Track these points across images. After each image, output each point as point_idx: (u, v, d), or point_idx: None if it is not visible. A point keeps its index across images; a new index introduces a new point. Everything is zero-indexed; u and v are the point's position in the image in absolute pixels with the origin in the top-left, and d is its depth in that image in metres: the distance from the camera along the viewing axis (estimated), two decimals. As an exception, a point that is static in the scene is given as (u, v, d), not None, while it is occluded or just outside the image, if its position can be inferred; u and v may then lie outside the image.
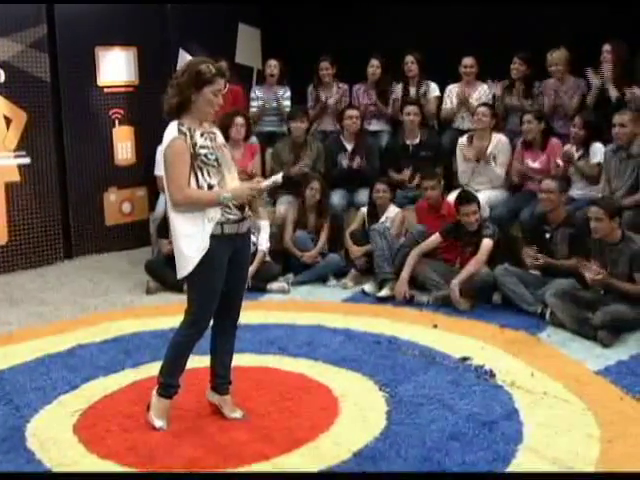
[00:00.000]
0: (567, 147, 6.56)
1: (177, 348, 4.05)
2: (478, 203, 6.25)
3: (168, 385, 4.06)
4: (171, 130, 3.84)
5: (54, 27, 7.53)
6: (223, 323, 4.13)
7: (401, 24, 8.07)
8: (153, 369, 4.85)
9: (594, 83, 6.79)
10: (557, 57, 7.02)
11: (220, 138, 4.00)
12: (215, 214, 3.82)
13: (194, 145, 3.81)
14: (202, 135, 3.86)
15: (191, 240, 3.81)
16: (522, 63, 7.20)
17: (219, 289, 3.93)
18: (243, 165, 7.25)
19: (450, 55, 7.51)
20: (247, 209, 3.97)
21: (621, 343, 5.24)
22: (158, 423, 4.04)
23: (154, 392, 4.09)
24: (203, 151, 3.83)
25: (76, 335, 5.52)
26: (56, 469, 3.72)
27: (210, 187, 3.84)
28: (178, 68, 8.04)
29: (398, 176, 7.34)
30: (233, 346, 4.23)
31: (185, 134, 3.80)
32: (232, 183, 3.92)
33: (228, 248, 3.89)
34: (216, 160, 3.87)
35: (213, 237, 3.82)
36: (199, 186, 3.82)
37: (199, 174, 3.83)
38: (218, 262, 3.86)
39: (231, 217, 3.87)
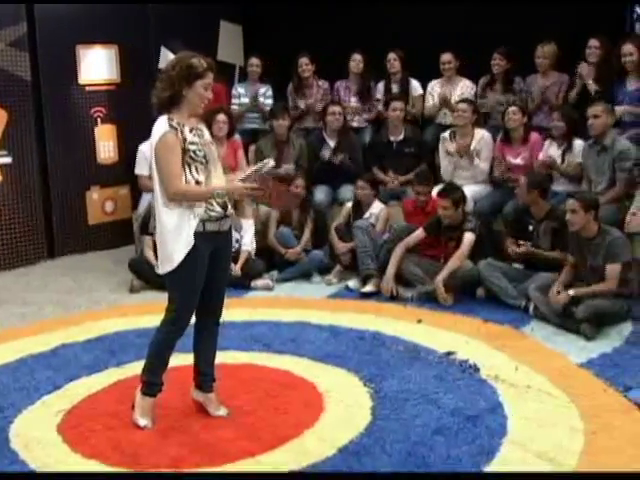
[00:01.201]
0: (543, 155, 6.59)
1: (158, 346, 4.05)
2: (458, 199, 6.23)
3: (151, 383, 4.06)
4: (161, 124, 3.82)
5: (34, 25, 7.48)
6: (205, 321, 4.12)
7: (383, 21, 8.07)
8: (137, 368, 4.82)
9: (582, 78, 6.83)
10: (547, 51, 7.06)
11: (207, 135, 4.00)
12: (200, 210, 3.82)
13: (184, 140, 3.80)
14: (191, 131, 3.86)
15: (177, 235, 3.80)
16: (502, 58, 7.23)
17: (200, 286, 3.93)
18: (227, 163, 7.25)
19: (432, 52, 7.52)
20: (230, 207, 3.96)
21: (604, 336, 5.27)
22: (142, 422, 4.03)
23: (138, 391, 4.08)
24: (192, 147, 3.82)
25: (59, 335, 5.49)
26: (41, 469, 3.70)
27: (197, 184, 3.84)
28: (160, 65, 8.25)
29: (382, 177, 7.33)
30: (216, 344, 4.22)
31: (176, 129, 3.79)
32: (217, 180, 3.92)
33: (209, 245, 3.89)
34: (204, 157, 3.86)
35: (195, 234, 3.81)
36: (187, 182, 3.81)
37: (187, 170, 3.82)
38: (200, 259, 3.85)
39: (213, 214, 3.86)
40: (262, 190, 4.17)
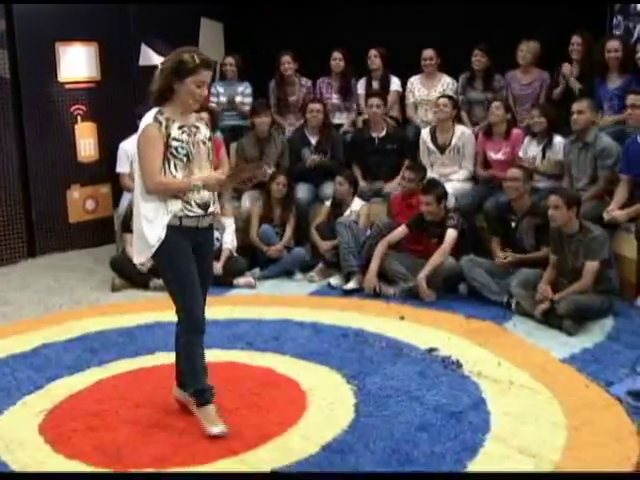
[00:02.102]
0: (523, 152, 6.63)
1: (186, 353, 3.98)
2: (439, 195, 6.24)
3: (201, 392, 3.96)
4: (147, 117, 3.81)
5: (12, 23, 7.41)
6: None
7: (364, 18, 8.07)
8: (119, 367, 4.86)
9: (565, 77, 6.86)
10: (531, 47, 7.09)
11: (202, 134, 3.94)
12: (175, 207, 3.81)
13: (167, 135, 3.78)
14: (180, 128, 3.82)
15: (151, 225, 3.81)
16: (483, 55, 7.25)
17: (193, 275, 3.88)
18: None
19: (413, 48, 7.52)
20: (212, 206, 3.93)
21: (586, 331, 5.30)
22: (216, 430, 3.89)
23: (193, 407, 3.99)
24: (175, 144, 3.79)
25: (41, 334, 5.44)
26: (22, 470, 3.67)
27: None
28: (140, 63, 8.21)
29: (359, 176, 7.31)
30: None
31: (160, 123, 3.77)
32: None
33: (187, 238, 3.86)
34: (186, 155, 3.82)
35: (170, 227, 3.81)
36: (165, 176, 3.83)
37: (166, 165, 3.80)
38: (177, 248, 3.84)
39: (190, 214, 3.84)
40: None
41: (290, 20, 8.45)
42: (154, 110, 3.82)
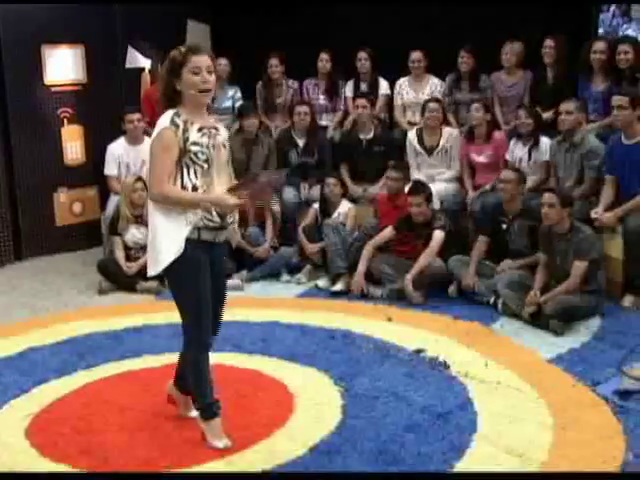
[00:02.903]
0: (510, 155, 6.65)
1: (194, 369, 3.82)
2: (427, 196, 6.26)
3: (207, 406, 3.84)
4: (164, 119, 3.59)
5: (-2, 25, 7.41)
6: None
7: (351, 19, 8.09)
8: (106, 370, 4.85)
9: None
10: (517, 47, 7.11)
11: (222, 136, 3.73)
12: (194, 217, 3.58)
13: (185, 140, 3.55)
14: (200, 130, 3.60)
15: (167, 239, 3.58)
16: (469, 56, 7.27)
17: (206, 294, 3.69)
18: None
19: (399, 50, 7.53)
20: (231, 218, 3.72)
21: (573, 331, 5.31)
22: (220, 445, 3.81)
23: (199, 420, 3.88)
24: (194, 148, 3.57)
25: (27, 338, 5.42)
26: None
27: (194, 189, 3.59)
28: (127, 66, 8.19)
29: (347, 179, 7.30)
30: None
31: (178, 126, 3.55)
32: (220, 188, 3.65)
33: (205, 253, 3.66)
34: (206, 161, 3.60)
35: (189, 241, 3.58)
36: (183, 185, 3.58)
37: (185, 172, 3.57)
38: (196, 264, 3.63)
39: (210, 224, 3.62)
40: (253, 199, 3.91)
41: (277, 21, 8.46)
42: (171, 112, 3.60)
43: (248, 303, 6.15)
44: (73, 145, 8.06)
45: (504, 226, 6.08)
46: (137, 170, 7.19)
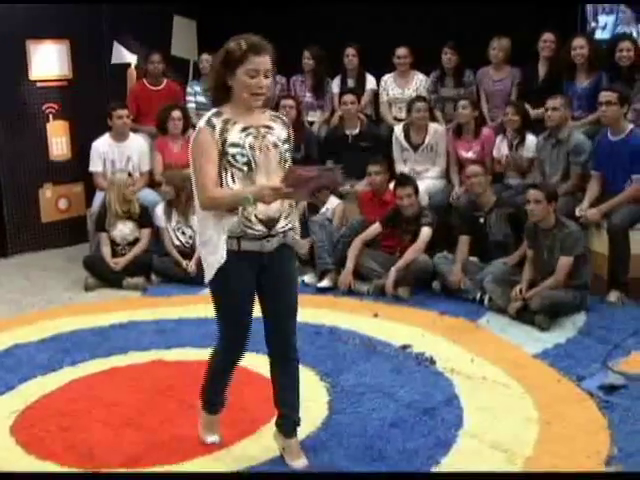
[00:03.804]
0: (496, 151, 6.67)
1: (215, 370, 3.68)
2: (415, 188, 6.28)
3: (213, 402, 3.76)
4: (202, 119, 3.33)
5: (-18, 21, 7.37)
6: (275, 356, 3.65)
7: (337, 16, 8.06)
8: (92, 367, 4.84)
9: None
10: (503, 44, 7.11)
11: (274, 135, 3.38)
12: (231, 225, 3.28)
13: (223, 142, 3.25)
14: (244, 130, 3.30)
15: (208, 248, 3.35)
16: (454, 53, 7.26)
17: (242, 309, 3.43)
18: (182, 159, 7.21)
19: (384, 46, 7.53)
20: (284, 221, 3.37)
21: (558, 327, 5.34)
22: (209, 439, 3.79)
23: (200, 408, 3.81)
24: (233, 150, 3.26)
25: (13, 334, 5.41)
26: (-7, 472, 3.66)
27: None
28: (113, 61, 8.16)
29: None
30: (295, 381, 3.68)
31: (214, 126, 3.26)
32: None
33: (250, 265, 3.36)
34: (247, 164, 3.27)
35: (230, 253, 3.30)
36: None
37: (223, 175, 3.27)
38: (235, 278, 3.34)
39: (250, 232, 3.30)
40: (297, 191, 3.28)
41: (264, 17, 8.41)
42: (211, 111, 3.33)
43: (235, 299, 6.14)
44: (58, 141, 8.03)
45: (481, 220, 6.10)
46: (122, 166, 7.18)
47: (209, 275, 3.39)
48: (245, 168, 3.28)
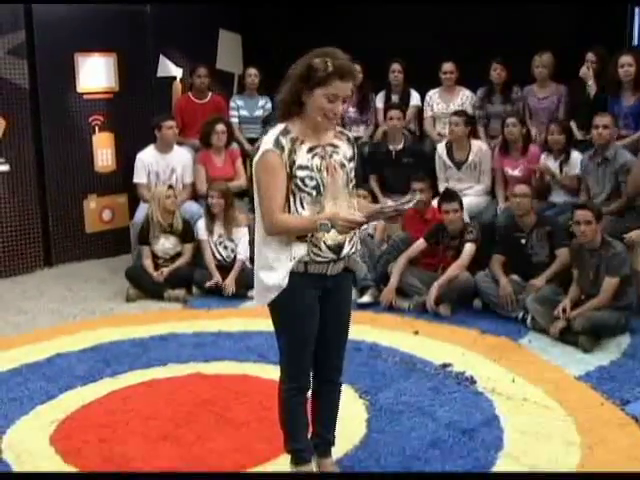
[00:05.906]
0: (542, 162, 6.58)
1: (285, 409, 3.43)
2: (461, 203, 6.23)
3: (298, 451, 3.47)
4: (269, 138, 3.12)
5: (32, 33, 7.46)
6: (318, 377, 3.47)
7: (382, 29, 8.06)
8: (131, 378, 4.85)
9: (589, 88, 6.78)
10: (545, 60, 7.03)
11: (340, 154, 3.23)
12: (301, 252, 3.15)
13: (292, 164, 3.08)
14: (311, 150, 3.13)
15: (270, 273, 3.19)
16: (502, 68, 7.20)
17: (309, 333, 3.29)
18: (225, 172, 7.30)
19: (429, 61, 7.50)
20: (348, 246, 3.24)
21: (602, 348, 5.23)
22: None
23: (291, 465, 3.52)
24: (301, 173, 3.10)
25: (54, 344, 5.45)
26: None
27: None
28: (159, 74, 8.25)
29: (377, 191, 7.28)
30: (335, 403, 3.55)
31: (283, 147, 3.08)
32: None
33: (315, 287, 3.24)
34: (315, 187, 3.12)
35: (293, 274, 3.17)
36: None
37: (291, 200, 3.11)
38: (301, 302, 3.22)
39: (319, 259, 3.18)
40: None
41: (309, 32, 8.44)
42: (278, 128, 3.13)
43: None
44: (104, 152, 8.12)
45: (523, 241, 6.02)
46: (166, 178, 7.23)
47: (267, 298, 3.25)
48: (314, 192, 3.13)
